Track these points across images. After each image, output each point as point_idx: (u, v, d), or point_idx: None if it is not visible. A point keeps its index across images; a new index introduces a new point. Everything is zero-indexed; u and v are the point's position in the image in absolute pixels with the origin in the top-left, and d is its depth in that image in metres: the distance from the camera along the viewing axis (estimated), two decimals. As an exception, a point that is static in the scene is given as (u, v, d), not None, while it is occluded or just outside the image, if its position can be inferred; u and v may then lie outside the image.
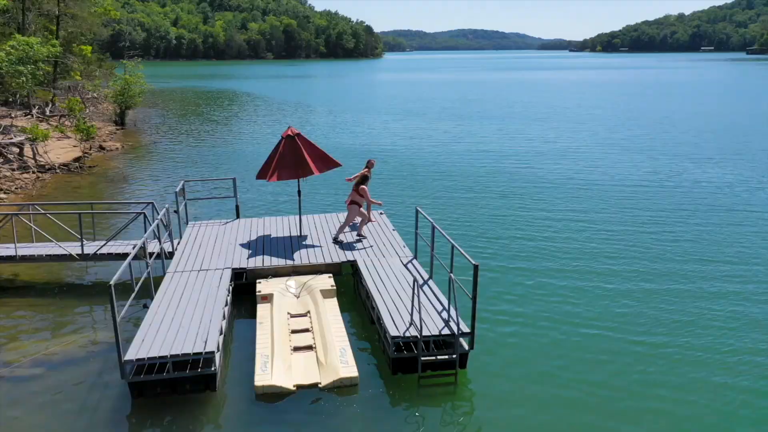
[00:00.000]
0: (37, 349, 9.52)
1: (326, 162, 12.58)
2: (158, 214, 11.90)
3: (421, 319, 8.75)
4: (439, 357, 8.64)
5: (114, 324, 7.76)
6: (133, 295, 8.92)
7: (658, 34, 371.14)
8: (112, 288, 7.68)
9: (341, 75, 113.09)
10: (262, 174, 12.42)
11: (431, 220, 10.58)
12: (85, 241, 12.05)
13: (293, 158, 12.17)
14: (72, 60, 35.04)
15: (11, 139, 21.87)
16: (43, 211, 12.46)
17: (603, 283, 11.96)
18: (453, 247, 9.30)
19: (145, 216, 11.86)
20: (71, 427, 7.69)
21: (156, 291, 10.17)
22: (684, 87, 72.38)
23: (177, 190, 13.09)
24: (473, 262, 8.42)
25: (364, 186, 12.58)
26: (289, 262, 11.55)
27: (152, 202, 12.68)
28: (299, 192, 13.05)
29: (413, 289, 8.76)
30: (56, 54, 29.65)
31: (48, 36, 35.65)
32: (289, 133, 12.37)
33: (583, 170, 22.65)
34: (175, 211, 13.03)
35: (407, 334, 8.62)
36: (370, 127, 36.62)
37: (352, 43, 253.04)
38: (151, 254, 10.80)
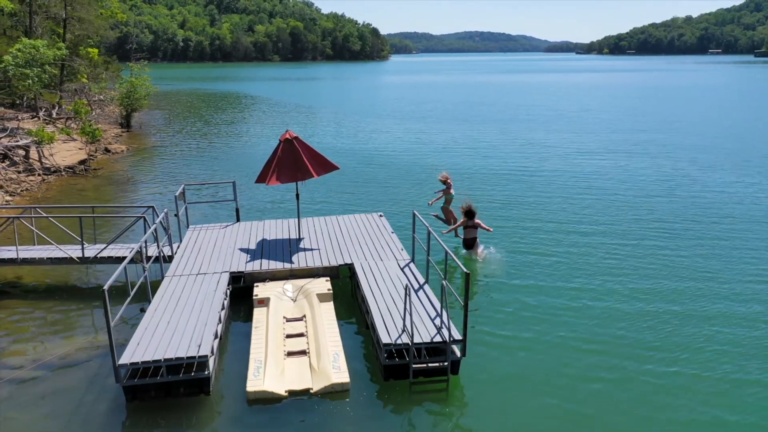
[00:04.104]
0: (36, 352, 9.64)
1: (325, 165, 12.65)
2: (158, 217, 12.02)
3: (413, 325, 8.79)
4: (430, 364, 8.69)
5: (108, 328, 7.86)
6: (128, 299, 9.02)
7: (666, 36, 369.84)
8: (106, 293, 7.78)
9: (347, 77, 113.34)
10: (261, 178, 12.50)
11: (427, 225, 10.65)
12: (85, 245, 12.18)
13: (291, 162, 12.24)
14: (78, 63, 35.30)
15: (17, 141, 22.08)
16: (44, 215, 12.60)
17: (600, 296, 11.78)
18: (446, 253, 9.36)
19: (144, 220, 11.98)
20: (65, 429, 7.79)
21: (154, 295, 10.27)
22: (691, 90, 72.08)
23: (177, 194, 13.21)
24: (465, 270, 8.48)
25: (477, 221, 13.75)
26: (287, 266, 11.63)
27: (152, 206, 12.79)
28: (297, 195, 13.13)
29: (405, 295, 8.81)
30: (62, 57, 29.89)
31: (55, 39, 35.99)
32: (287, 136, 12.45)
33: (586, 177, 22.54)
34: (175, 215, 13.15)
35: (399, 341, 8.66)
36: (373, 129, 36.70)
37: (358, 45, 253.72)
38: (149, 258, 10.90)
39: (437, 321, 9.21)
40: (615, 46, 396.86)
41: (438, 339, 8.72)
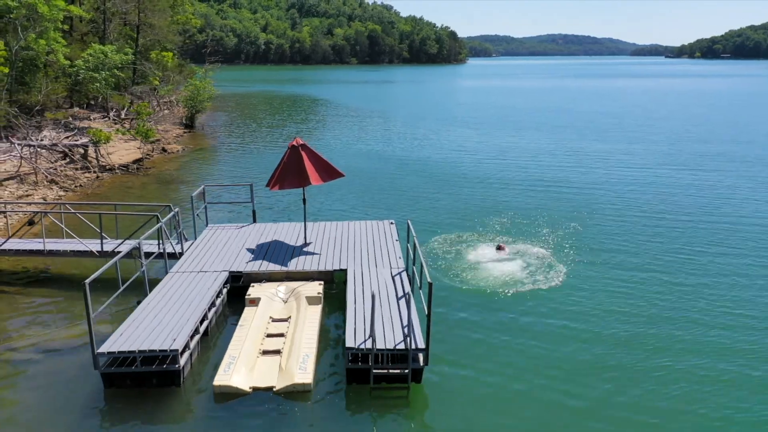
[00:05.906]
0: (38, 336, 10.53)
1: (330, 172, 12.96)
2: (176, 216, 12.79)
3: (382, 331, 8.96)
4: (391, 371, 8.81)
5: (87, 319, 8.53)
6: (117, 292, 9.71)
7: (766, 39, 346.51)
8: (87, 286, 8.44)
9: (418, 81, 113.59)
10: (269, 182, 12.99)
11: (414, 236, 10.85)
12: (107, 239, 13.10)
13: (296, 168, 12.65)
14: (148, 67, 37.43)
15: (75, 141, 23.83)
16: (72, 210, 13.66)
17: (566, 308, 11.59)
18: (422, 265, 9.49)
19: (158, 218, 12.74)
20: (46, 407, 8.50)
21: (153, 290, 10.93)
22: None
23: (194, 194, 13.93)
24: (429, 280, 8.60)
25: None
26: (284, 268, 12.04)
27: (169, 205, 13.58)
28: (304, 200, 13.51)
29: (372, 302, 8.97)
30: (128, 61, 31.84)
31: (131, 44, 38.36)
32: (294, 143, 12.87)
33: (631, 194, 21.51)
34: (197, 215, 13.88)
35: (362, 346, 8.85)
36: (422, 135, 36.47)
37: (435, 48, 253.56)
38: (148, 255, 11.61)
39: (407, 329, 9.31)
40: (708, 49, 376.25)
41: (401, 346, 8.84)
